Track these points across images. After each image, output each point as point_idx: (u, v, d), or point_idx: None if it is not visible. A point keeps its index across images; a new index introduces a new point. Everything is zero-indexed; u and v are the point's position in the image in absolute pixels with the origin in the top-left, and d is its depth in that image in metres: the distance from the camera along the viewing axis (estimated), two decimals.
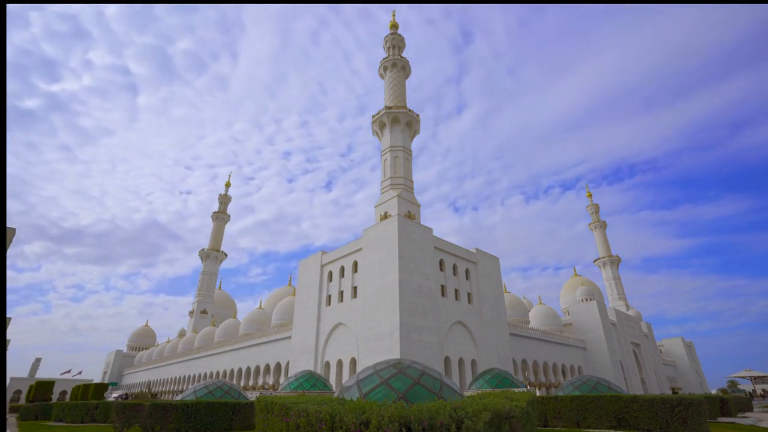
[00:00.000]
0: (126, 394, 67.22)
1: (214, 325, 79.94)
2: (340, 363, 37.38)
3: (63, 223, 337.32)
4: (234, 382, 55.26)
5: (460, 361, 36.93)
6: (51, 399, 48.40)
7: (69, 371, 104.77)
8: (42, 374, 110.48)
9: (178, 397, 21.72)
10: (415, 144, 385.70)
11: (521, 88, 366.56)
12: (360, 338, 35.01)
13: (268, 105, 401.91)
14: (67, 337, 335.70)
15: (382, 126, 51.78)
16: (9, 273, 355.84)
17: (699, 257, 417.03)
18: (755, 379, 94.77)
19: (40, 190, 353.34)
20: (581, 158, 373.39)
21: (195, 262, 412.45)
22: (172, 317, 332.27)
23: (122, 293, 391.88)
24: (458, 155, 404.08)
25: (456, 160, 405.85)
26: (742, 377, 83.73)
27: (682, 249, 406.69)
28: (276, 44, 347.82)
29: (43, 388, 55.48)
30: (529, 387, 50.37)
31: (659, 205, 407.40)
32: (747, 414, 33.04)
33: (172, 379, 77.54)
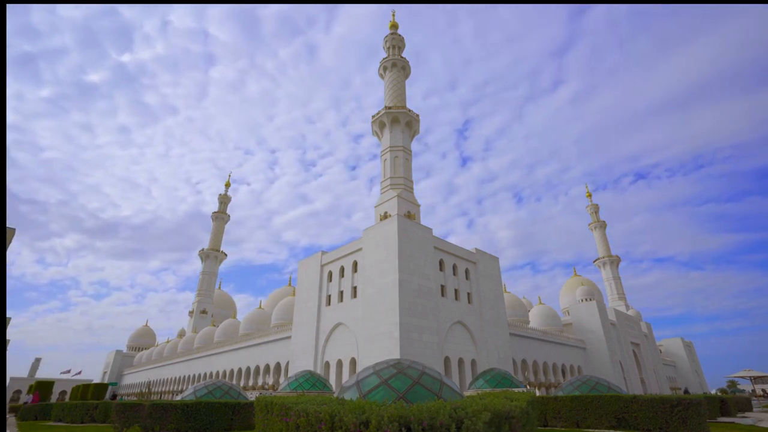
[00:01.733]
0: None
1: (214, 325, 79.93)
2: (339, 363, 37.38)
3: (101, 215, 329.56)
4: (234, 382, 55.25)
5: (460, 361, 36.93)
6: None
7: (69, 371, 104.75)
8: (43, 374, 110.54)
9: (178, 397, 21.72)
10: (496, 126, 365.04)
11: (627, 63, 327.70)
12: (360, 338, 35.01)
13: (354, 79, 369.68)
14: (80, 336, 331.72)
15: (382, 126, 51.78)
16: (34, 269, 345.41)
17: (750, 253, 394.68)
18: (755, 379, 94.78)
19: (84, 177, 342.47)
20: (664, 143, 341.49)
21: (233, 257, 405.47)
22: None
23: (145, 290, 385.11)
24: (538, 139, 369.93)
25: (534, 144, 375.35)
26: (742, 377, 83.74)
27: (733, 244, 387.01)
28: (378, 11, 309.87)
29: (43, 388, 55.42)
30: (528, 387, 50.38)
31: (726, 197, 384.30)
32: (747, 414, 33.05)
33: (171, 379, 77.52)
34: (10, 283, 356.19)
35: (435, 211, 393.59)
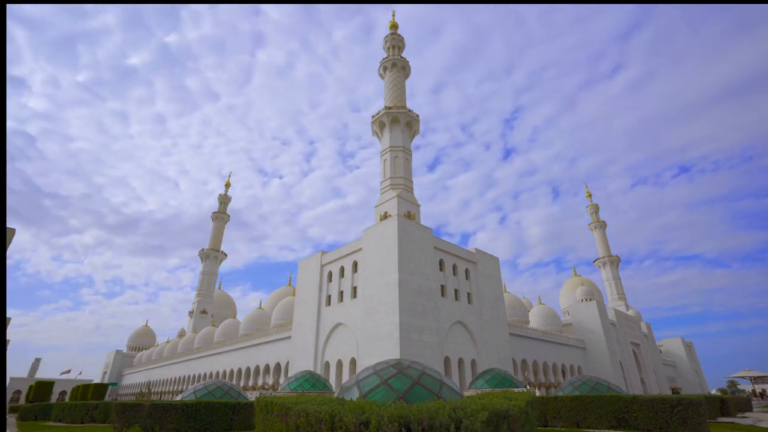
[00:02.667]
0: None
1: (214, 325, 79.92)
2: (339, 363, 37.38)
3: (124, 209, 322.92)
4: (234, 382, 55.25)
5: (460, 361, 36.94)
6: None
7: (69, 371, 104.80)
8: (45, 374, 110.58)
9: (178, 398, 21.72)
10: (546, 114, 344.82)
11: (695, 47, 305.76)
12: (360, 338, 35.01)
13: (411, 63, 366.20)
14: (87, 336, 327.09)
15: (382, 126, 51.79)
16: (48, 266, 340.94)
17: None
18: (755, 379, 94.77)
19: (111, 169, 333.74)
20: (716, 134, 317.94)
21: (252, 254, 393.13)
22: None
23: (159, 289, 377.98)
24: (586, 130, 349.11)
25: (582, 136, 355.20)
26: (742, 377, 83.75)
27: (765, 241, 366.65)
28: None
29: (43, 388, 55.43)
30: (528, 387, 50.37)
31: (766, 192, 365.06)
32: (747, 414, 33.06)
33: (171, 379, 77.50)
34: (23, 281, 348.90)
35: (469, 206, 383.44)
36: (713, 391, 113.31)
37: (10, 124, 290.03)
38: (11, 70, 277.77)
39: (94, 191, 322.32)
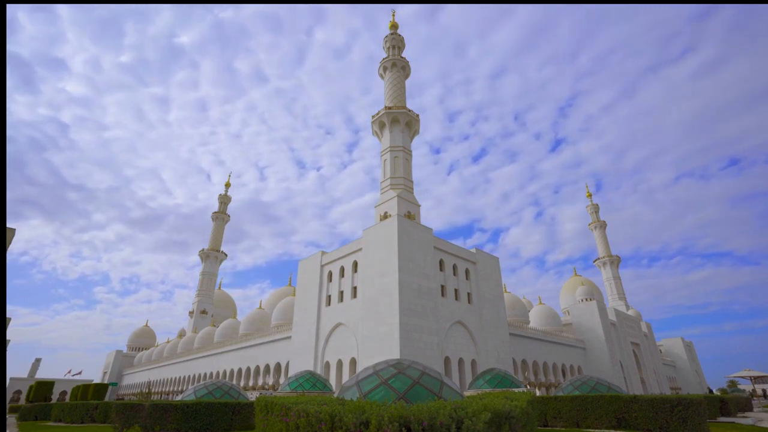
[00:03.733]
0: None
1: (214, 326, 79.92)
2: (340, 363, 37.38)
3: (150, 203, 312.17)
4: (234, 382, 55.25)
5: (460, 361, 36.93)
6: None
7: (69, 371, 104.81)
8: (50, 375, 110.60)
9: (178, 398, 21.72)
10: (604, 102, 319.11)
11: None
12: (360, 338, 35.00)
13: (470, 47, 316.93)
14: (97, 335, 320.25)
15: (382, 126, 51.79)
16: (65, 264, 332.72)
17: None
18: (755, 379, 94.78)
19: (143, 160, 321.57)
20: None
21: (276, 250, 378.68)
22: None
23: (174, 287, 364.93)
24: (642, 119, 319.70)
25: (636, 125, 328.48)
26: (742, 377, 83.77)
27: None
28: None
29: (43, 388, 55.46)
30: (528, 387, 50.38)
31: None
32: (747, 414, 33.05)
33: (172, 379, 77.50)
34: (38, 278, 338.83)
35: (508, 200, 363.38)
36: (713, 391, 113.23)
37: (43, 111, 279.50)
38: (53, 51, 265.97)
39: (122, 184, 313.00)
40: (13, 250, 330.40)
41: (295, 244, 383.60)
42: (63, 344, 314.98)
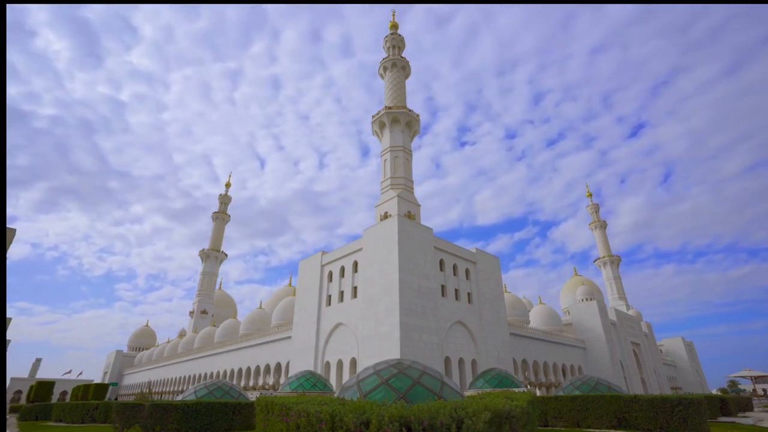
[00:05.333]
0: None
1: (214, 326, 79.93)
2: (340, 363, 37.38)
3: (195, 192, 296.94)
4: (234, 382, 55.26)
5: (460, 361, 36.93)
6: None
7: (70, 371, 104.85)
8: (47, 375, 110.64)
9: (179, 398, 21.72)
10: (705, 77, 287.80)
11: None
12: (360, 338, 35.01)
13: (577, 20, 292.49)
14: (111, 335, 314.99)
15: (382, 126, 51.77)
16: (90, 259, 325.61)
17: None
18: (755, 379, 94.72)
19: (197, 144, 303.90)
20: None
21: (320, 244, 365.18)
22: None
23: (195, 283, 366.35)
24: (740, 99, 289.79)
25: (732, 105, 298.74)
26: (743, 377, 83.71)
27: None
28: None
29: (43, 388, 55.47)
30: (529, 387, 50.37)
31: None
32: (747, 414, 33.04)
33: (172, 379, 77.52)
34: (62, 274, 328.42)
35: (571, 190, 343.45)
36: (714, 391, 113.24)
37: (102, 89, 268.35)
38: (129, 18, 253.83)
39: (169, 171, 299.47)
40: (42, 243, 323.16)
41: (337, 238, 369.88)
42: (74, 344, 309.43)
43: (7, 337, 26.78)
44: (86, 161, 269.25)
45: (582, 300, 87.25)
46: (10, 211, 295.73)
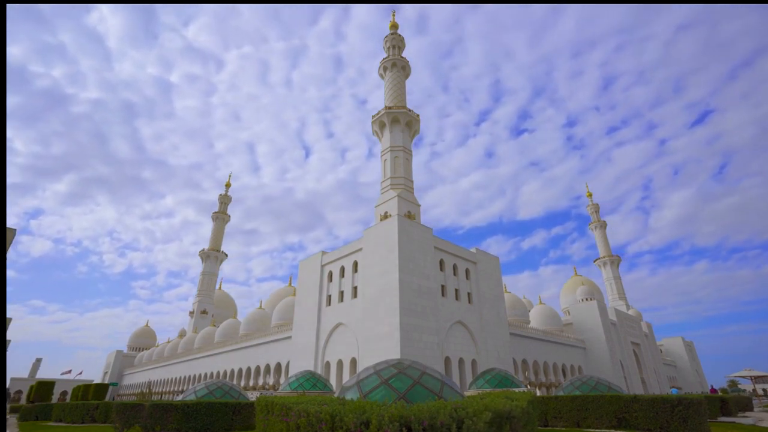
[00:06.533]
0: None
1: (215, 326, 79.94)
2: (340, 363, 37.38)
3: (233, 182, 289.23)
4: (234, 382, 55.25)
5: (461, 361, 36.92)
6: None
7: (69, 371, 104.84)
8: (49, 375, 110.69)
9: (179, 398, 21.72)
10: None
11: None
12: (360, 338, 35.00)
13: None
14: (120, 336, 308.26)
15: (382, 126, 51.77)
16: (111, 256, 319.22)
17: None
18: (756, 379, 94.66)
19: (243, 130, 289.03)
20: None
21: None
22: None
23: (223, 281, 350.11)
24: None
25: None
26: (743, 377, 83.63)
27: None
28: None
29: (43, 388, 55.44)
30: (529, 387, 50.38)
31: None
32: (747, 413, 33.02)
33: (172, 379, 77.53)
34: (82, 271, 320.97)
35: (620, 182, 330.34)
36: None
37: (152, 70, 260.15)
38: None
39: (208, 160, 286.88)
40: (65, 239, 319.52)
41: None
42: (84, 343, 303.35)
43: (9, 338, 26.77)
44: (123, 149, 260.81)
45: (582, 300, 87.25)
46: (35, 203, 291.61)
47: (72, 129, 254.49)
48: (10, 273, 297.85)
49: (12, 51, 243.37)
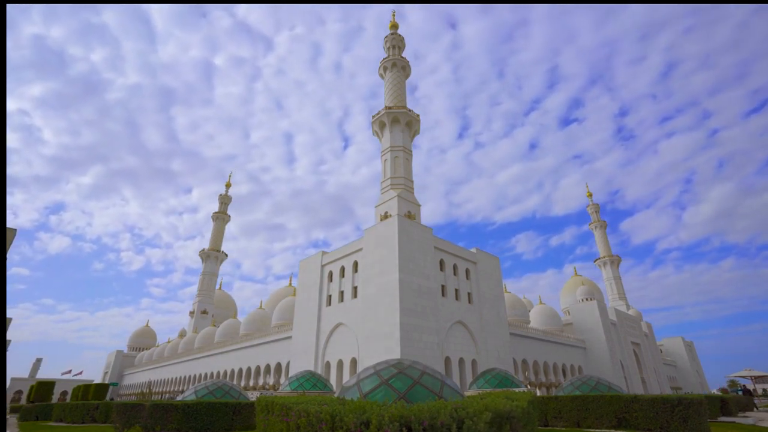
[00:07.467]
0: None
1: (215, 326, 79.96)
2: (340, 363, 37.38)
3: (263, 176, 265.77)
4: (234, 382, 55.26)
5: (461, 361, 36.92)
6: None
7: (70, 371, 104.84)
8: (50, 375, 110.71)
9: (179, 398, 21.73)
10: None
11: None
12: (360, 338, 35.01)
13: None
14: (128, 335, 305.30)
15: (382, 126, 51.77)
16: (128, 254, 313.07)
17: None
18: (756, 379, 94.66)
19: (283, 119, 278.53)
20: None
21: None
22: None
23: (240, 279, 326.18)
24: None
25: None
26: (743, 377, 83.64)
27: None
28: None
29: (44, 388, 55.43)
30: (529, 387, 50.37)
31: None
32: (747, 413, 33.02)
33: (172, 379, 77.55)
34: (97, 269, 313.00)
35: (661, 176, 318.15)
36: (714, 391, 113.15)
37: (195, 52, 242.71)
38: None
39: (242, 151, 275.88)
40: (85, 234, 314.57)
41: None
42: (92, 343, 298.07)
43: (9, 338, 26.78)
44: (154, 139, 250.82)
45: (582, 300, 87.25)
46: (57, 198, 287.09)
47: (104, 117, 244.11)
48: (23, 271, 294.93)
49: (53, 33, 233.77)
